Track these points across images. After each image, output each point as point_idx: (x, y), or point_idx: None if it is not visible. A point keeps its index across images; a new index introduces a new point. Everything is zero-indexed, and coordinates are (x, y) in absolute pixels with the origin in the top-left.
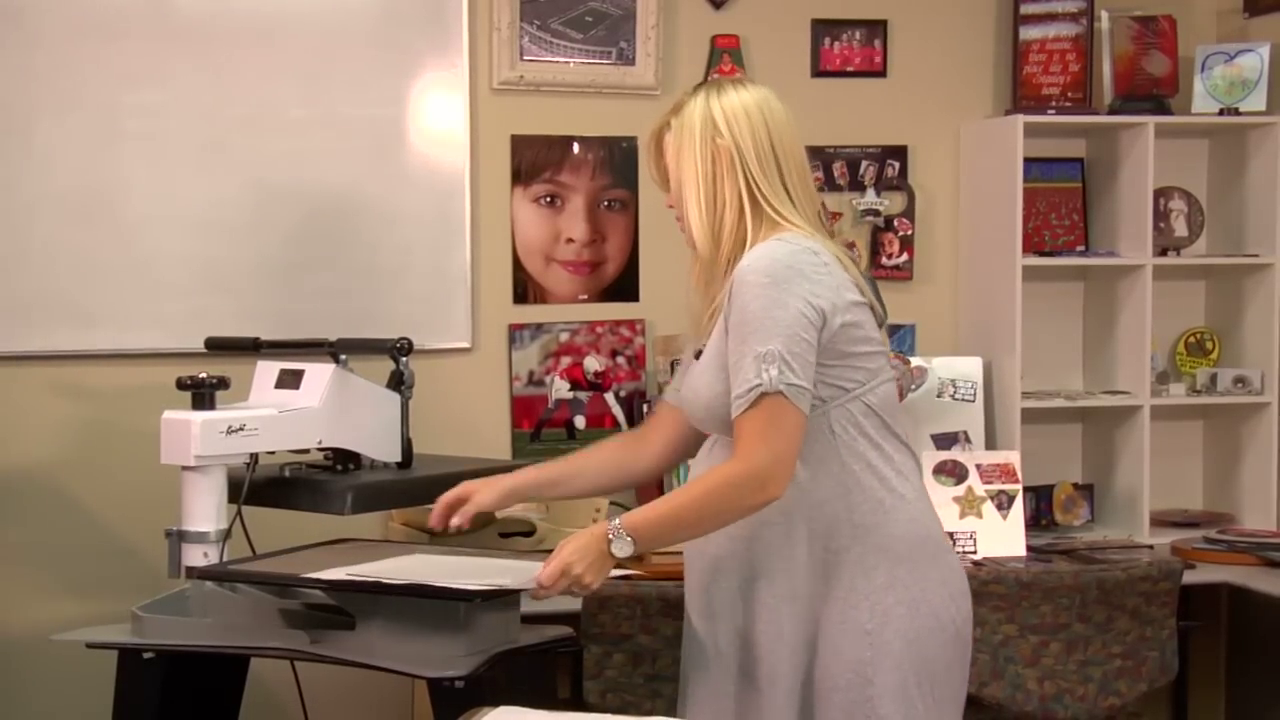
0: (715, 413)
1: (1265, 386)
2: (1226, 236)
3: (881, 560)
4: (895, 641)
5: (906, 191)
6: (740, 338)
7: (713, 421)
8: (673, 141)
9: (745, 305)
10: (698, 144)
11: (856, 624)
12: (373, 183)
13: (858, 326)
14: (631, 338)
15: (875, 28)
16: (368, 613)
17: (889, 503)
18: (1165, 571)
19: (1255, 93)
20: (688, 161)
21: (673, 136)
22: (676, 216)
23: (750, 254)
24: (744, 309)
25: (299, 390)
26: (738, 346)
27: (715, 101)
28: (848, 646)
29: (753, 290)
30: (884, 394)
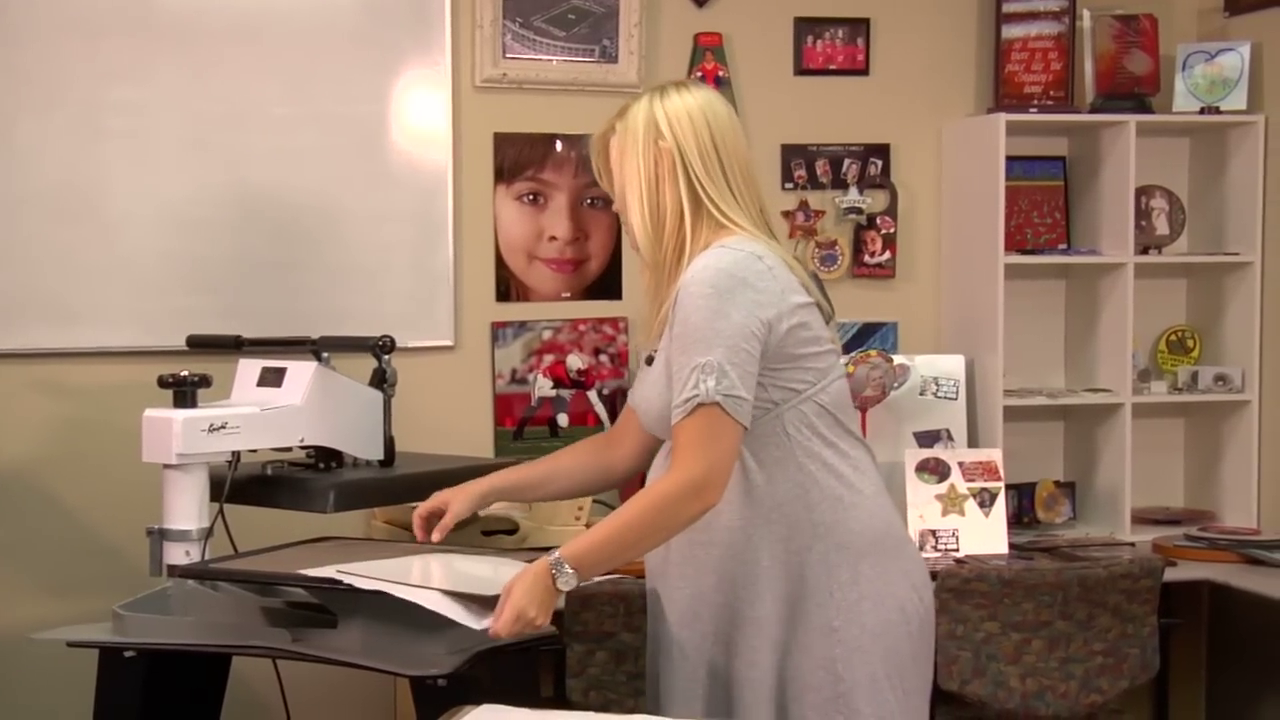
0: (665, 420)
1: (1246, 384)
2: (1207, 235)
3: (844, 557)
4: (863, 637)
5: (889, 190)
6: (681, 348)
7: (664, 428)
8: (616, 145)
9: (688, 316)
10: (640, 146)
11: (824, 622)
12: (356, 180)
13: (806, 328)
14: (614, 336)
15: (858, 26)
16: (350, 611)
17: (848, 499)
18: (1146, 569)
19: (1236, 91)
20: (630, 164)
21: (616, 140)
22: (622, 222)
23: (694, 264)
24: (686, 320)
25: (281, 388)
26: (679, 357)
27: (659, 104)
28: (817, 645)
29: (695, 301)
30: (836, 392)
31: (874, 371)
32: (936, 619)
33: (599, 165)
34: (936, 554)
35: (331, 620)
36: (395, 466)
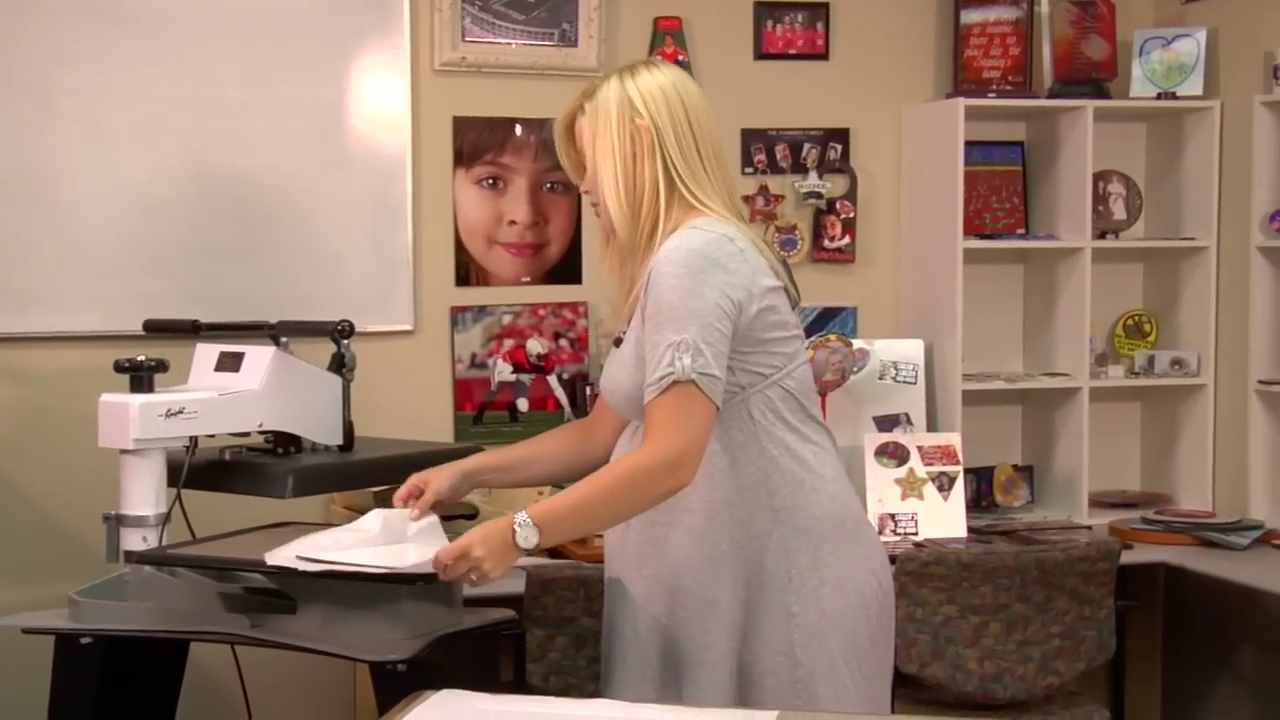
0: (635, 401)
1: (1201, 368)
2: (1164, 220)
3: (804, 542)
4: (822, 622)
5: (848, 174)
6: (655, 326)
7: (632, 409)
8: (588, 125)
9: (661, 295)
10: (614, 125)
11: (783, 606)
12: (313, 164)
13: (774, 311)
14: (574, 320)
15: (817, 11)
16: (309, 596)
17: (809, 483)
18: (1103, 552)
19: (1192, 77)
20: (604, 143)
21: (588, 120)
22: (593, 203)
23: (667, 244)
24: (660, 299)
25: (239, 373)
26: (653, 335)
27: (630, 83)
28: (775, 630)
29: (669, 281)
30: (800, 377)
31: (833, 356)
32: (895, 602)
33: (563, 148)
34: (895, 538)
35: (290, 606)
36: (354, 451)
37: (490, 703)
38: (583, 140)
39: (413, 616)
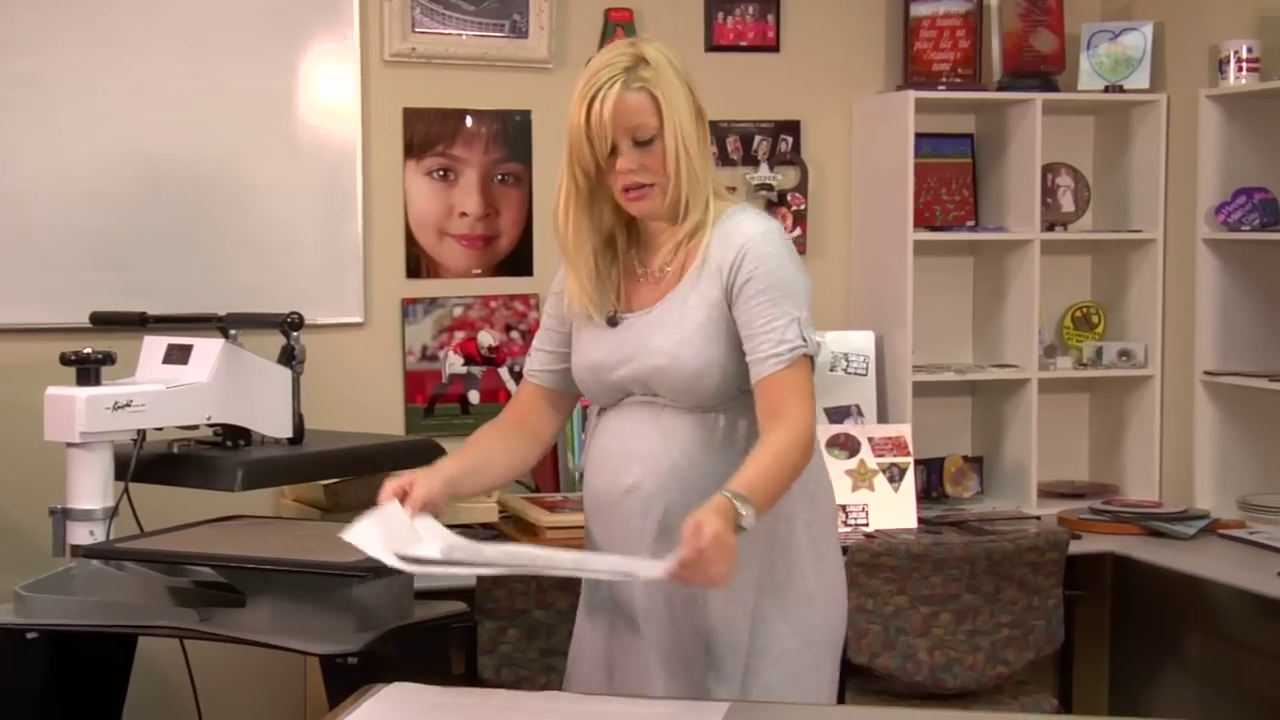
0: (701, 382)
1: (1149, 360)
2: (1112, 212)
3: (821, 528)
4: (830, 606)
5: (799, 166)
6: (771, 299)
7: (691, 388)
8: (665, 99)
9: (774, 269)
10: (685, 103)
11: (803, 590)
12: (263, 155)
13: None
14: (526, 312)
15: (768, 3)
16: (258, 590)
17: (818, 471)
18: (1052, 542)
19: (1139, 70)
20: (683, 120)
21: (663, 93)
22: (639, 183)
23: (747, 222)
24: (774, 272)
25: (187, 365)
26: (769, 309)
27: (673, 60)
28: (795, 611)
29: (776, 259)
30: None
31: None
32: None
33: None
34: (847, 529)
35: (240, 599)
36: (304, 444)
37: (441, 696)
38: (638, 115)
39: (363, 609)
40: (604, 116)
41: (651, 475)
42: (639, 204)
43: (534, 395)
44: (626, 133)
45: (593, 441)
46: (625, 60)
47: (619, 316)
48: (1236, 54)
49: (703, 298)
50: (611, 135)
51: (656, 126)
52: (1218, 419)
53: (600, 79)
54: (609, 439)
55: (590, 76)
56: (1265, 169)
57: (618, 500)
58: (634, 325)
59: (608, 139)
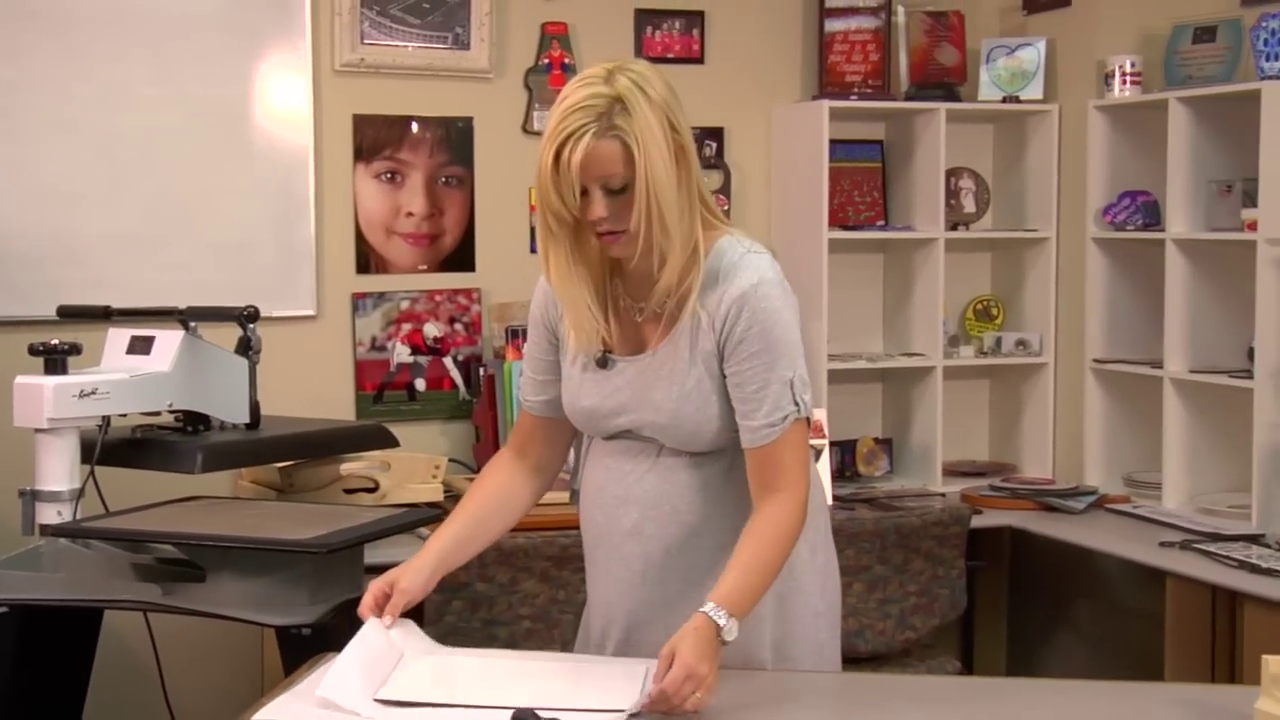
0: (700, 436)
1: (1043, 349)
2: (1009, 213)
3: (819, 542)
4: (832, 609)
5: (723, 170)
6: (766, 364)
7: (690, 441)
8: (640, 149)
9: (768, 331)
10: (663, 145)
11: (812, 608)
12: (221, 159)
13: None
14: (468, 305)
15: (694, 18)
16: (217, 566)
17: (815, 490)
18: (955, 517)
19: (1034, 82)
20: (659, 166)
21: (638, 143)
22: (611, 230)
23: (742, 273)
24: (767, 333)
25: (150, 355)
26: (762, 373)
27: (652, 94)
28: (808, 630)
29: (771, 316)
30: None
31: None
32: None
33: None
34: None
35: (200, 575)
36: (260, 429)
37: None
38: (610, 165)
39: (316, 583)
40: (573, 165)
41: (651, 520)
42: (614, 249)
43: (534, 426)
44: (597, 180)
45: (589, 473)
46: (600, 104)
47: (610, 359)
48: (1121, 68)
49: (696, 351)
50: (581, 182)
51: (629, 176)
52: (1105, 403)
53: (571, 125)
54: (606, 477)
55: (561, 119)
56: (1147, 174)
57: (618, 542)
58: (627, 372)
59: (576, 187)
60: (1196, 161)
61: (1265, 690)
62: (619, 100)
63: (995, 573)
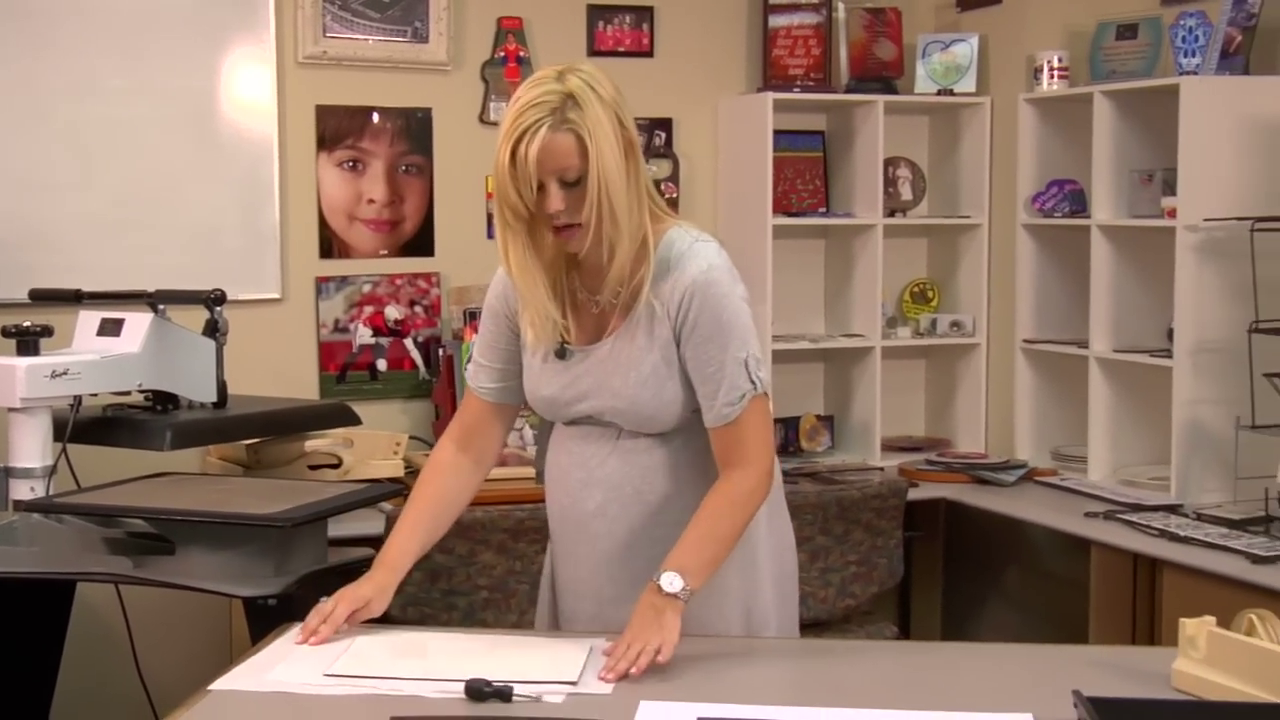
0: (658, 419)
1: (976, 330)
2: (944, 200)
3: (775, 514)
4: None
5: (672, 159)
6: (721, 345)
7: (649, 424)
8: (592, 141)
9: (718, 315)
10: (613, 140)
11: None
12: (188, 148)
13: None
14: (428, 289)
15: (643, 13)
16: (186, 539)
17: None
18: (893, 489)
19: (967, 76)
20: (611, 160)
21: (590, 135)
22: (567, 224)
23: (691, 262)
24: (718, 316)
25: (120, 337)
26: (717, 353)
27: (602, 93)
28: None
29: (721, 300)
30: None
31: None
32: None
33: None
34: None
35: (169, 548)
36: (227, 408)
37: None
38: (564, 157)
39: (282, 556)
40: (530, 158)
41: (614, 501)
42: (569, 242)
43: (482, 410)
44: (553, 174)
45: (552, 456)
46: (553, 99)
47: (569, 350)
48: (1049, 63)
49: (653, 339)
50: (538, 176)
51: (583, 169)
52: (1034, 381)
53: (527, 120)
54: (568, 461)
55: (517, 116)
56: (1074, 163)
57: (583, 522)
58: (586, 361)
59: (533, 181)
60: (1119, 152)
61: (1182, 651)
62: (571, 96)
63: (930, 542)
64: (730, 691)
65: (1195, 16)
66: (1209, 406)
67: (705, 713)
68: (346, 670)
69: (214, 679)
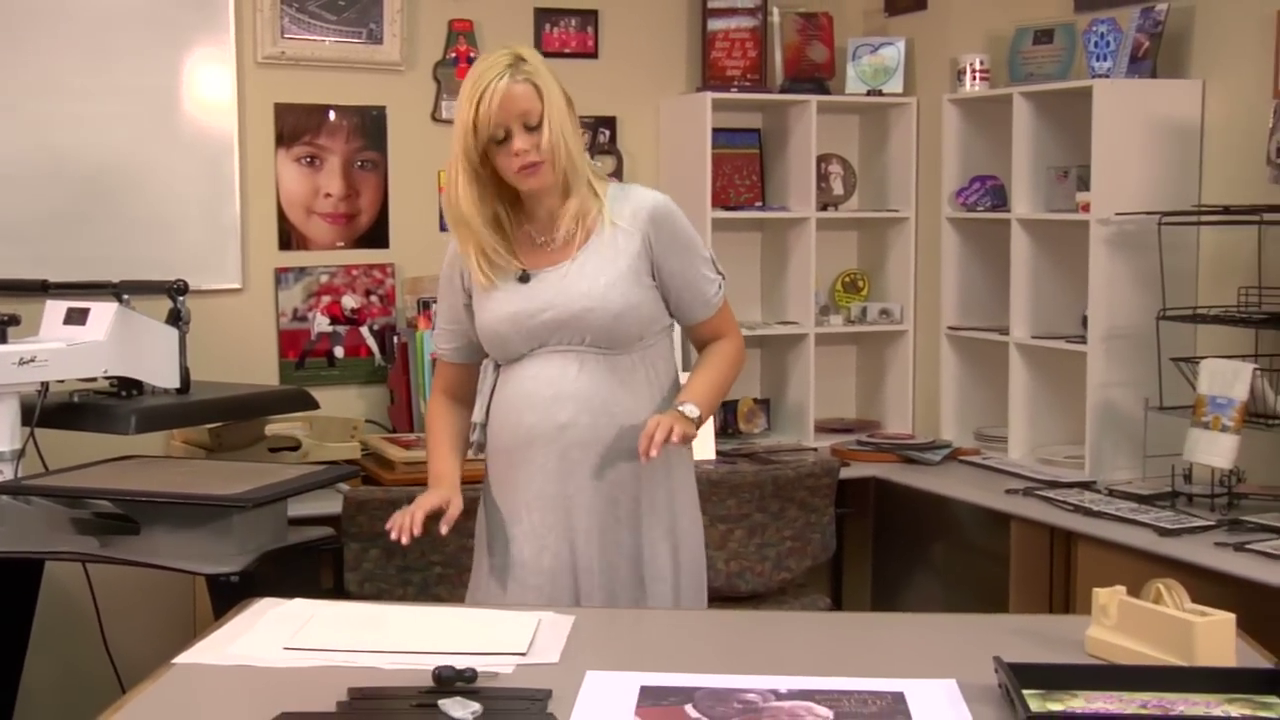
0: (623, 321)
1: (904, 317)
2: (873, 195)
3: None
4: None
5: (616, 155)
6: (694, 252)
7: (612, 329)
8: (544, 88)
9: (684, 228)
10: (559, 92)
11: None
12: (152, 144)
13: None
14: (383, 279)
15: (588, 16)
16: (151, 519)
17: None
18: (825, 469)
19: (894, 78)
20: (560, 104)
21: (543, 84)
22: (533, 161)
23: (646, 192)
24: (685, 229)
25: (85, 326)
26: (693, 260)
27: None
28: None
29: (680, 218)
30: None
31: None
32: None
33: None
34: None
35: (135, 528)
36: (190, 393)
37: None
38: (525, 101)
39: (243, 534)
40: (493, 106)
41: (585, 412)
42: (532, 179)
43: (455, 372)
44: (517, 118)
45: (510, 390)
46: (507, 59)
47: (530, 273)
48: (972, 66)
49: (619, 250)
50: (504, 122)
51: (541, 112)
52: (958, 365)
53: (488, 76)
54: (531, 384)
55: (478, 77)
56: (995, 160)
57: (552, 435)
58: (548, 279)
59: (500, 126)
60: (1037, 150)
61: (1095, 619)
62: (519, 56)
63: (861, 519)
64: (672, 661)
65: (1106, 23)
66: (1120, 389)
67: (648, 681)
68: (306, 644)
69: (178, 653)
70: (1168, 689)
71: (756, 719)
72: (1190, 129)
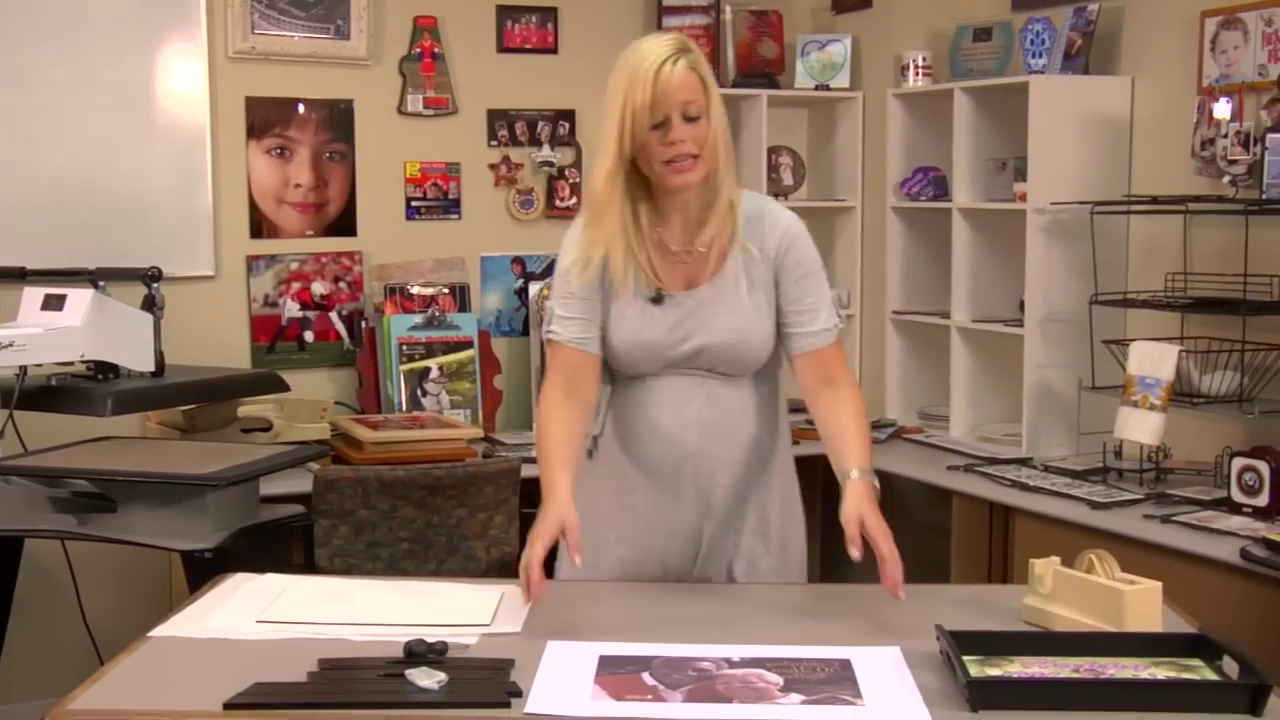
0: (757, 352)
1: (851, 302)
2: (822, 185)
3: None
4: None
5: (575, 147)
6: (815, 281)
7: (746, 359)
8: (709, 81)
9: (811, 255)
10: (717, 91)
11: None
12: (126, 136)
13: None
14: (351, 266)
15: (548, 13)
16: (127, 498)
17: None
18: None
19: (841, 73)
20: (720, 103)
21: (708, 77)
22: (689, 153)
23: (780, 210)
24: (811, 258)
25: (62, 312)
26: (815, 288)
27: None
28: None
29: (810, 244)
30: None
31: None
32: None
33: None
34: None
35: (112, 506)
36: (165, 377)
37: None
38: (690, 91)
39: (217, 512)
40: (671, 85)
41: (710, 441)
42: (683, 176)
43: (585, 362)
44: (679, 107)
45: (633, 412)
46: (675, 44)
47: (665, 295)
48: (915, 62)
49: (754, 280)
50: (668, 108)
51: (704, 105)
52: (903, 348)
53: (660, 54)
54: (658, 412)
55: (645, 57)
56: (937, 153)
57: (679, 465)
58: (686, 304)
59: (665, 109)
60: (977, 142)
61: (1031, 588)
62: (686, 44)
63: (809, 494)
64: (629, 631)
65: (1041, 22)
66: (1055, 370)
67: (607, 651)
68: (277, 616)
69: (155, 627)
70: (1099, 654)
71: (710, 685)
72: (1120, 123)
